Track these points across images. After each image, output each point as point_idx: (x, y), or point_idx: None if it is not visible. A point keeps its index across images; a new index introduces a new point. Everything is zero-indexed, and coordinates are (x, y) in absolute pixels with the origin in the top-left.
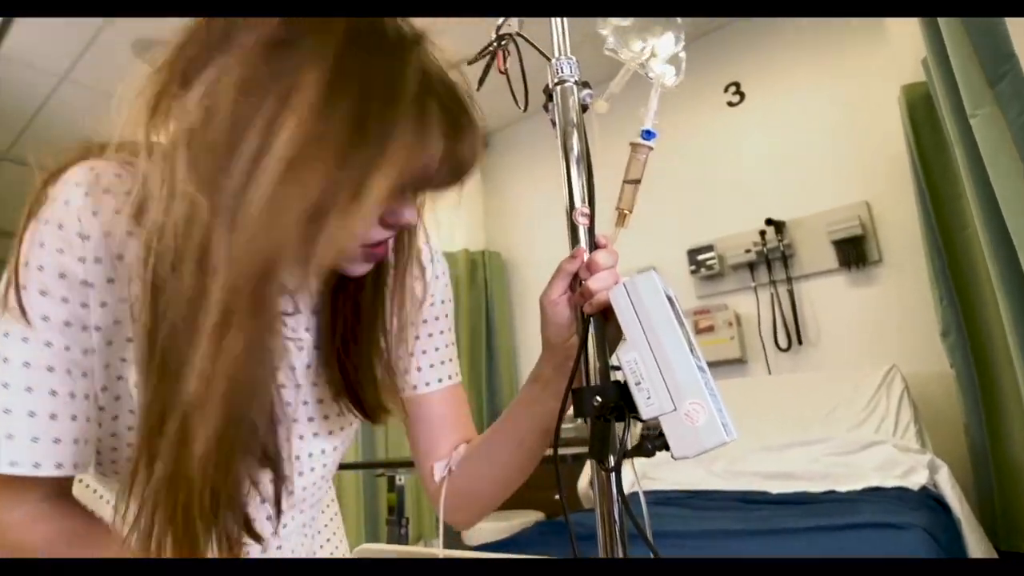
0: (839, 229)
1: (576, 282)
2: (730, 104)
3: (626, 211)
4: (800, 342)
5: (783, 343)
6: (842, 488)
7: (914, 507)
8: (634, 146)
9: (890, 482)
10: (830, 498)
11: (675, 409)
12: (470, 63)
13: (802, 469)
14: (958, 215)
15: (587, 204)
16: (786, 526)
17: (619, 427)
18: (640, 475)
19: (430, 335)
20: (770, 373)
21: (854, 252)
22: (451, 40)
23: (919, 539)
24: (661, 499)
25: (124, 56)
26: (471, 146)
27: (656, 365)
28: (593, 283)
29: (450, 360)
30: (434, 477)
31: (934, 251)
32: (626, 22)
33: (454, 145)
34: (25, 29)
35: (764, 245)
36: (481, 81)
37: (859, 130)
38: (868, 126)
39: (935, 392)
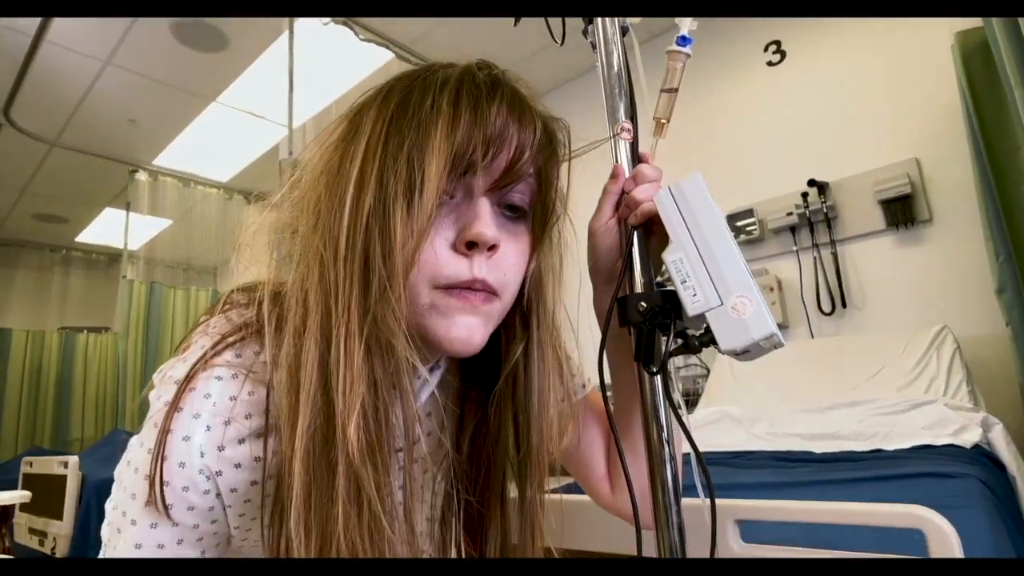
0: (887, 188)
1: (621, 199)
2: (770, 64)
3: (663, 120)
4: (844, 306)
5: (827, 307)
6: (890, 447)
7: (967, 462)
8: (670, 53)
9: (941, 440)
10: (877, 456)
11: (722, 304)
12: None
13: (847, 429)
14: (1016, 169)
15: (629, 120)
16: (831, 478)
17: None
18: (680, 437)
19: None
20: (813, 337)
21: (902, 211)
22: None
23: (975, 488)
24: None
25: (164, 38)
26: (500, 122)
27: (702, 262)
28: (639, 193)
29: (572, 376)
30: (609, 492)
31: (990, 207)
32: None
33: (480, 122)
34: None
35: (806, 207)
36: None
37: (907, 84)
38: (917, 79)
39: (989, 355)
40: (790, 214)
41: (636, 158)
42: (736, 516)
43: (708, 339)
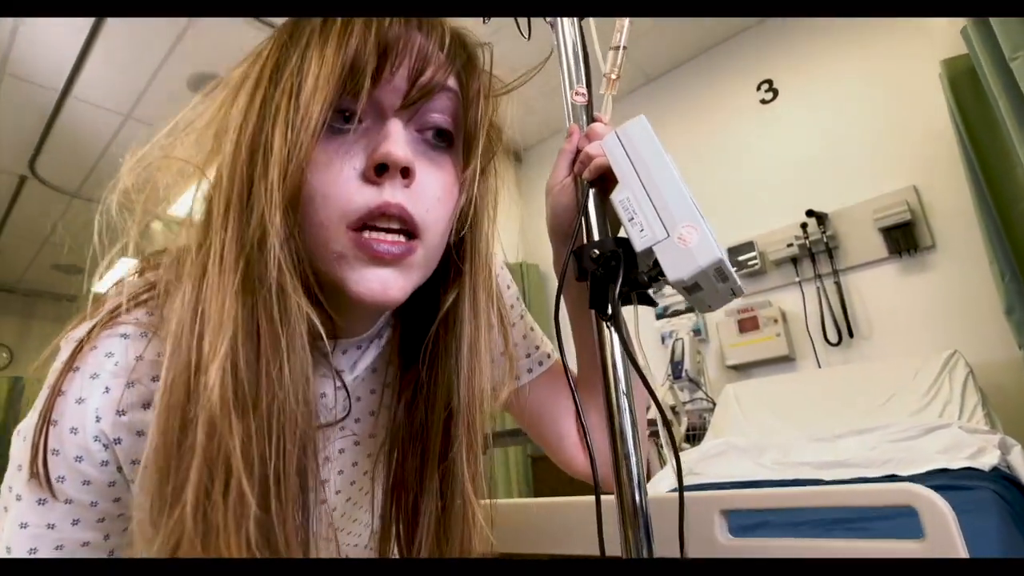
0: (886, 216)
1: (576, 158)
2: (763, 102)
3: (612, 76)
4: (851, 335)
5: (833, 338)
6: (904, 472)
7: (985, 482)
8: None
9: (957, 463)
10: (890, 482)
11: (668, 236)
12: None
13: (859, 457)
14: (1013, 188)
15: (583, 85)
16: None
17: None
18: (686, 471)
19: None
20: (820, 368)
21: (904, 239)
22: None
23: (989, 498)
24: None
25: (181, 91)
26: (397, 27)
27: (648, 197)
28: (591, 148)
29: (537, 347)
30: (583, 459)
31: (991, 228)
32: None
33: (375, 27)
34: (92, 72)
35: (806, 238)
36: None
37: (900, 113)
38: (909, 108)
39: (1004, 379)
40: (790, 245)
41: (591, 119)
42: (722, 506)
43: (656, 273)
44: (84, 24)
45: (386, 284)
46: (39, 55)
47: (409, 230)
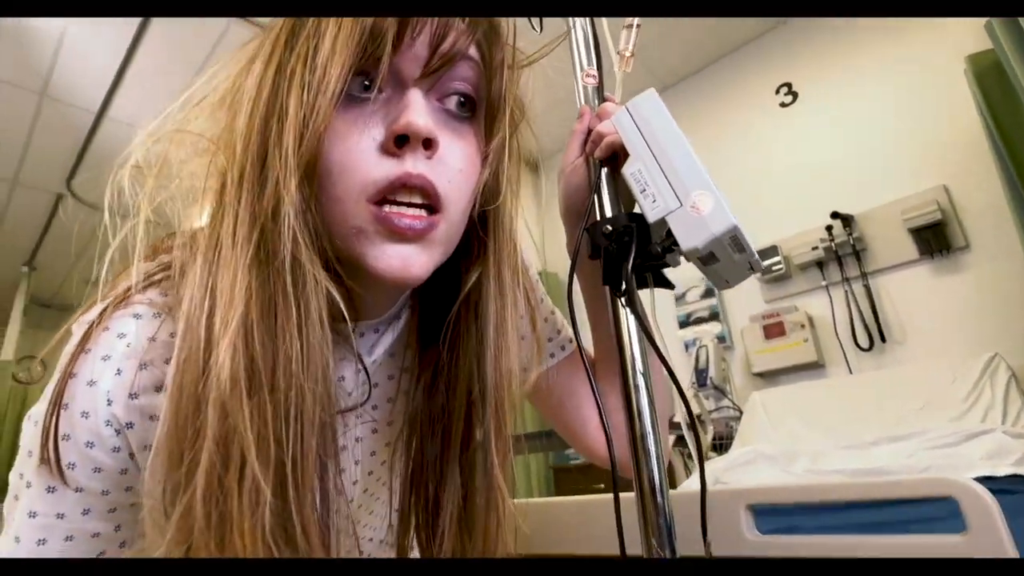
0: (915, 216)
1: (588, 138)
2: (783, 105)
3: (626, 53)
4: (883, 340)
5: (864, 343)
6: None
7: None
8: None
9: (1003, 470)
10: None
11: (681, 205)
12: None
13: (896, 464)
14: None
15: (594, 67)
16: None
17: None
18: (712, 480)
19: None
20: (851, 374)
21: (935, 239)
22: None
23: None
24: None
25: None
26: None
27: (659, 167)
28: (602, 127)
29: (559, 331)
30: (604, 443)
31: None
32: None
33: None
34: (128, 92)
35: (832, 240)
36: None
37: (925, 111)
38: (934, 107)
39: None
40: (815, 248)
41: (602, 100)
42: (748, 501)
43: (670, 244)
44: (120, 47)
45: (407, 261)
46: (77, 79)
47: (431, 204)
